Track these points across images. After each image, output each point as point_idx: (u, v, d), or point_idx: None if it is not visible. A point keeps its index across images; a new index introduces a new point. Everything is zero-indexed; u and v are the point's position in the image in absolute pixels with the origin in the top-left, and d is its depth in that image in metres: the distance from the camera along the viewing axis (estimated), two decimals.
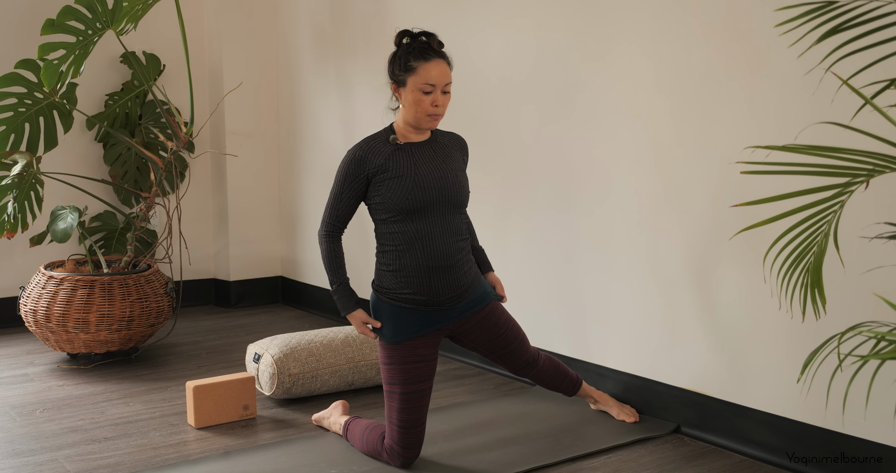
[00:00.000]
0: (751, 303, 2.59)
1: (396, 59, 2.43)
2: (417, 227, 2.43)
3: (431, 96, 2.40)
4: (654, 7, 2.80)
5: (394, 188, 2.40)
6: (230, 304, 4.87)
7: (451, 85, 2.44)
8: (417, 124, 2.45)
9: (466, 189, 2.52)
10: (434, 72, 2.38)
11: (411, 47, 2.40)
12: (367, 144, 2.46)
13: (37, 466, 2.57)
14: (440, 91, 2.40)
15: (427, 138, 2.52)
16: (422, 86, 2.37)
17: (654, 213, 2.87)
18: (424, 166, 2.44)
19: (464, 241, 2.53)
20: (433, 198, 2.42)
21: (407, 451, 2.49)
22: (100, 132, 4.49)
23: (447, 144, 2.55)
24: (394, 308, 2.48)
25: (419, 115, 2.42)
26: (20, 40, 4.24)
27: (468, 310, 2.55)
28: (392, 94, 2.50)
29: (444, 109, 2.44)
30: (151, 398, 3.21)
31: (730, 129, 2.60)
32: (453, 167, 2.50)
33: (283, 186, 4.92)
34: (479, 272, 2.60)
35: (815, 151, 1.56)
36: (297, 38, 4.66)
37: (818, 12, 1.71)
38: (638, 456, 2.63)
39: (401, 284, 2.46)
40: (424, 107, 2.40)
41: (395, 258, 2.46)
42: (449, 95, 2.44)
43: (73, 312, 3.49)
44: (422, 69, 2.37)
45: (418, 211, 2.42)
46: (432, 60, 2.38)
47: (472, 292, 2.55)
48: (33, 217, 3.62)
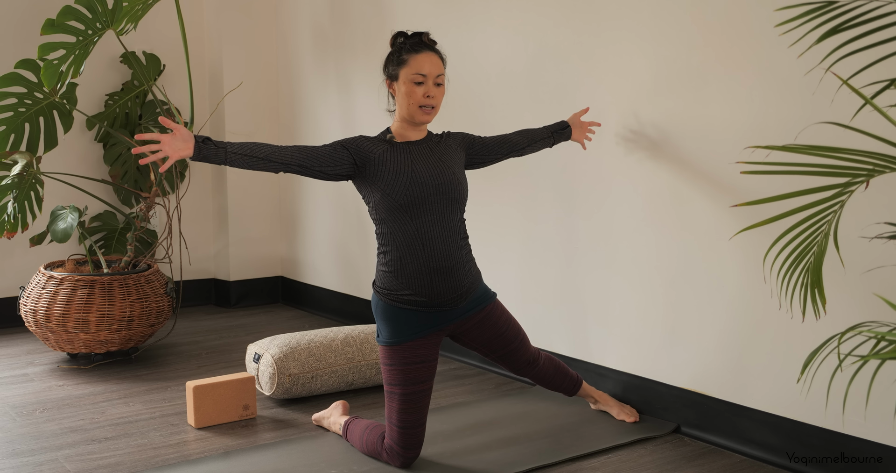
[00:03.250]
0: (751, 303, 2.59)
1: (391, 56, 2.49)
2: (416, 226, 2.43)
3: (423, 87, 2.43)
4: (653, 7, 2.80)
5: (391, 184, 2.41)
6: (230, 304, 4.87)
7: (444, 78, 2.47)
8: (411, 118, 2.47)
9: (464, 186, 2.52)
10: (425, 62, 2.43)
11: (404, 43, 2.47)
12: (366, 138, 2.49)
13: (37, 466, 2.57)
14: (432, 82, 2.44)
15: (424, 137, 2.53)
16: (413, 76, 2.42)
17: (654, 213, 2.87)
18: (421, 163, 2.45)
19: (463, 240, 2.53)
20: (430, 194, 2.43)
21: (407, 451, 2.49)
22: (100, 132, 4.49)
23: (445, 143, 2.57)
24: (394, 309, 2.48)
25: (412, 107, 2.44)
26: (20, 40, 4.24)
27: (469, 310, 2.55)
28: (388, 95, 2.54)
29: (438, 102, 2.47)
30: (151, 398, 3.21)
31: (730, 129, 2.60)
32: (450, 164, 2.51)
33: (283, 186, 4.92)
34: (479, 272, 2.61)
35: (815, 151, 1.56)
36: (297, 38, 4.66)
37: (818, 12, 1.71)
38: (638, 456, 2.63)
39: (401, 285, 2.46)
40: (416, 98, 2.43)
41: (395, 259, 2.46)
42: (443, 89, 2.47)
43: (73, 312, 3.49)
44: (413, 61, 2.43)
45: (416, 207, 2.42)
46: (423, 52, 2.45)
47: (473, 292, 2.56)
48: (33, 217, 3.62)
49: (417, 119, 2.46)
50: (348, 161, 2.43)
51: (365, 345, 3.26)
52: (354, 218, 4.35)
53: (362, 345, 3.26)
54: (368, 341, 3.28)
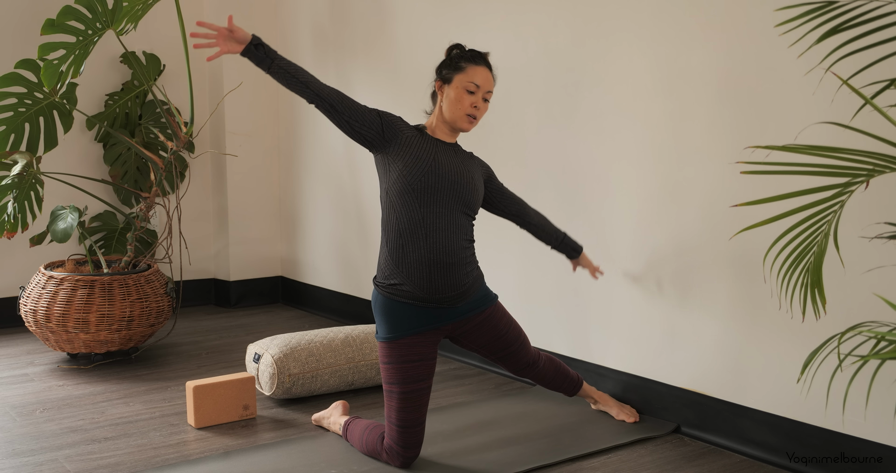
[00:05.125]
0: (751, 303, 2.59)
1: (448, 60, 2.55)
2: (423, 214, 2.44)
3: (473, 97, 2.49)
4: (653, 7, 2.80)
5: (411, 166, 2.44)
6: (230, 304, 4.87)
7: (491, 95, 2.54)
8: (453, 123, 2.51)
9: (479, 193, 2.57)
10: (481, 75, 2.50)
11: (464, 52, 2.53)
12: (402, 119, 2.54)
13: (37, 466, 2.57)
14: (482, 96, 2.50)
15: (454, 142, 2.59)
16: (467, 84, 2.48)
17: (654, 213, 2.87)
18: (444, 157, 2.49)
19: (468, 242, 2.54)
20: (444, 187, 2.46)
21: (407, 451, 2.49)
22: (100, 132, 4.49)
23: (471, 157, 2.62)
24: (393, 303, 2.49)
25: (457, 113, 2.49)
26: (20, 40, 4.24)
27: (469, 312, 2.56)
28: (432, 96, 2.58)
29: (481, 115, 2.53)
30: (151, 398, 3.21)
31: (730, 129, 2.60)
32: (470, 170, 2.55)
33: (283, 186, 4.92)
34: (481, 275, 2.62)
35: (815, 151, 1.56)
36: (297, 38, 4.66)
37: (818, 12, 1.71)
38: (638, 456, 2.63)
39: (401, 276, 2.46)
40: (464, 105, 2.48)
41: (397, 246, 2.47)
42: (487, 105, 2.54)
43: (73, 312, 3.49)
44: (470, 70, 2.50)
45: (428, 196, 2.44)
46: (482, 65, 2.52)
47: (473, 293, 2.57)
48: (33, 217, 3.62)
49: (458, 125, 2.52)
50: (377, 128, 2.46)
51: (365, 345, 3.26)
52: (354, 218, 4.35)
53: (362, 345, 3.26)
54: (368, 341, 3.28)
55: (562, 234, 2.85)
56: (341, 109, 2.41)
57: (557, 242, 2.85)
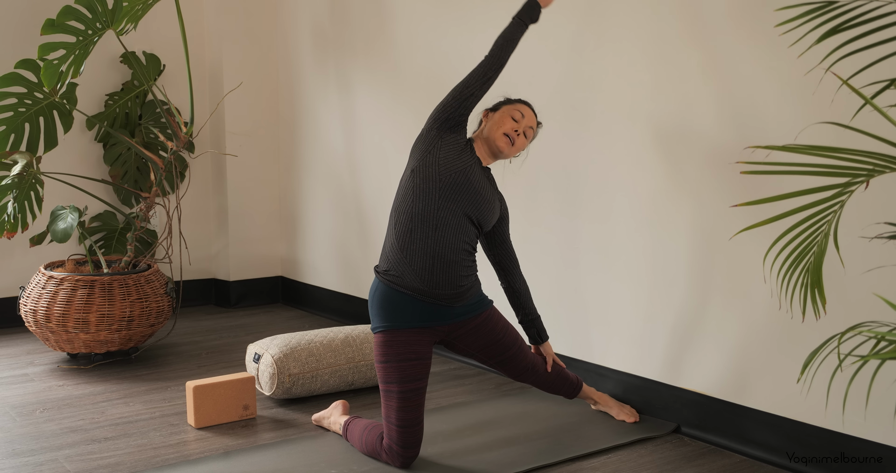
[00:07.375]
0: (751, 303, 2.59)
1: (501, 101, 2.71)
2: (440, 206, 2.49)
3: (516, 124, 2.62)
4: (653, 8, 2.80)
5: (451, 159, 2.52)
6: (230, 304, 4.87)
7: (532, 134, 2.67)
8: (490, 140, 2.62)
9: (494, 217, 2.62)
10: (527, 112, 2.66)
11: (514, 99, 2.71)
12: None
13: (37, 466, 2.57)
14: (523, 127, 2.63)
15: (487, 167, 2.67)
16: (513, 112, 2.64)
17: (654, 213, 2.87)
18: (475, 171, 2.57)
19: (471, 248, 2.58)
20: (468, 192, 2.51)
21: (406, 450, 2.49)
22: (100, 132, 4.49)
23: (496, 187, 2.70)
24: (392, 292, 2.50)
25: (496, 131, 2.61)
26: (20, 40, 4.24)
27: (465, 315, 2.58)
28: (479, 122, 2.71)
29: (520, 145, 2.63)
30: (151, 398, 3.21)
31: (730, 129, 2.60)
32: (492, 196, 2.63)
33: (283, 186, 4.92)
34: (479, 283, 2.66)
35: (815, 151, 1.56)
36: (297, 38, 4.66)
37: (818, 12, 1.71)
38: (638, 456, 2.63)
39: (404, 264, 2.49)
40: (506, 126, 2.61)
41: (405, 231, 2.50)
42: (526, 142, 2.65)
43: (73, 312, 3.49)
44: (519, 106, 2.67)
45: (452, 192, 2.49)
46: (530, 109, 2.69)
47: (470, 297, 2.59)
48: (33, 217, 3.62)
49: (495, 143, 2.60)
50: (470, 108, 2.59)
51: (365, 345, 3.26)
52: (354, 218, 4.35)
53: (362, 345, 3.26)
54: (368, 341, 3.28)
55: (537, 314, 2.81)
56: (492, 77, 2.60)
57: (529, 318, 2.80)
